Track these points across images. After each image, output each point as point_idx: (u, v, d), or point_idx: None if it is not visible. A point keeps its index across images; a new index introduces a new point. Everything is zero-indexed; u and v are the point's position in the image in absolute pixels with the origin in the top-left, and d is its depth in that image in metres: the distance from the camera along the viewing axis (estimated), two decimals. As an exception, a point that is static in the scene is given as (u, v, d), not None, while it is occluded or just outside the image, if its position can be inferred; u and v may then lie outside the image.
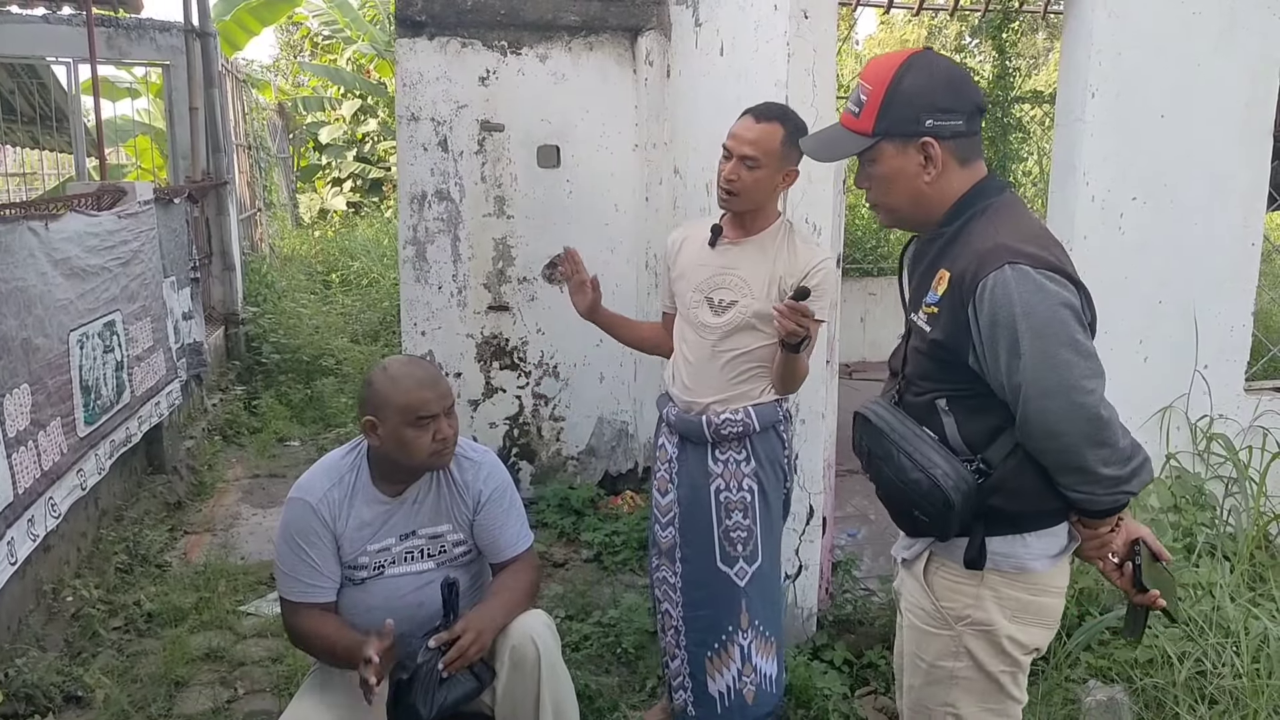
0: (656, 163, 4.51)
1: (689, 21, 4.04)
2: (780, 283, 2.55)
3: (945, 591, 1.84)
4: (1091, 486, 1.68)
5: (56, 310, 3.59)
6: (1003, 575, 1.79)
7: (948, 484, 1.70)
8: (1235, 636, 2.79)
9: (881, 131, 1.77)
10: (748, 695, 2.66)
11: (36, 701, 2.97)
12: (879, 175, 1.81)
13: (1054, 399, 1.62)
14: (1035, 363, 1.62)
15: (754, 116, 2.51)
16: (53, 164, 12.34)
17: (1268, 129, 3.56)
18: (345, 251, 11.09)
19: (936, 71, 1.77)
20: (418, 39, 4.41)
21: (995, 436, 1.74)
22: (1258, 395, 3.75)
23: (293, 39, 18.93)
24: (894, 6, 5.53)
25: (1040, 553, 1.78)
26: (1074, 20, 3.45)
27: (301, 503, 2.28)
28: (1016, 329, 1.62)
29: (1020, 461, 1.72)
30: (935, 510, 1.73)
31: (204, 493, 5.10)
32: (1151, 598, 1.76)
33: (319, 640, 2.28)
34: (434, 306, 4.57)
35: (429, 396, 2.22)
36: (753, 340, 2.58)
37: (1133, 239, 3.48)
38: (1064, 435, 1.64)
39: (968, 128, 1.77)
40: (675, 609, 2.71)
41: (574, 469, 4.84)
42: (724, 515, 2.63)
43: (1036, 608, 1.81)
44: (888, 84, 1.75)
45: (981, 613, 1.80)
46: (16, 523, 3.06)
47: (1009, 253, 1.65)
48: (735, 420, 2.59)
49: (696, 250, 2.69)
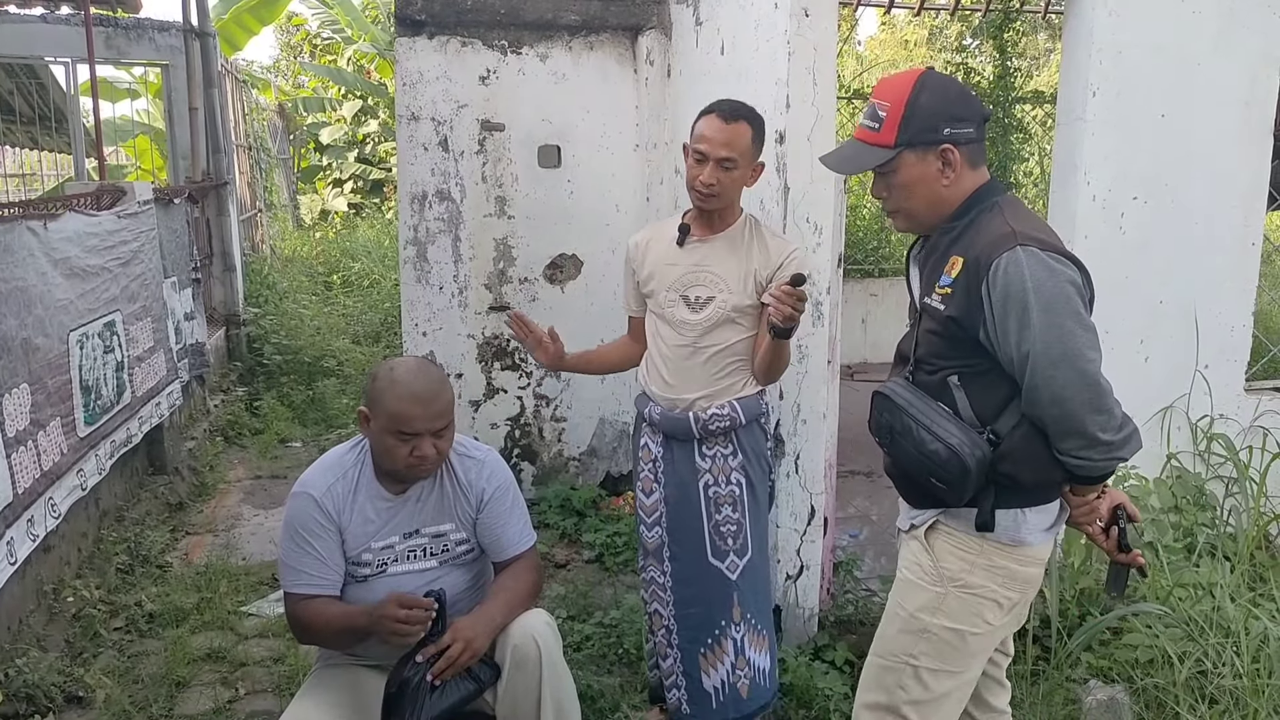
0: (657, 162, 4.51)
1: (689, 20, 4.04)
2: (755, 276, 2.59)
3: (945, 553, 2.01)
4: (1089, 451, 1.83)
5: (56, 310, 3.59)
6: (999, 546, 1.97)
7: (964, 451, 1.87)
8: (1235, 637, 2.79)
9: (904, 142, 1.94)
10: (742, 689, 2.67)
11: (37, 701, 2.97)
12: (899, 183, 1.98)
13: (1060, 367, 1.79)
14: (1044, 333, 1.78)
15: (721, 117, 2.53)
16: (52, 165, 12.35)
17: (1268, 128, 3.56)
18: (346, 252, 11.11)
19: (949, 86, 1.98)
20: (418, 38, 4.41)
21: (1003, 409, 1.91)
22: (1258, 395, 3.76)
23: (293, 39, 18.95)
24: (895, 7, 5.53)
25: (1036, 526, 1.96)
26: (1074, 20, 3.45)
27: (305, 496, 2.28)
28: (1027, 301, 1.79)
29: (1026, 432, 1.89)
30: (953, 476, 1.90)
31: (205, 493, 5.11)
32: (1133, 557, 1.99)
33: (324, 624, 2.24)
34: (435, 307, 4.57)
35: (416, 414, 2.18)
36: (733, 334, 2.61)
37: (1133, 238, 3.48)
38: (1068, 401, 1.80)
39: (977, 135, 1.97)
40: (666, 608, 2.72)
41: (575, 470, 4.84)
42: (713, 510, 2.65)
43: (1023, 577, 1.99)
44: (906, 99, 1.93)
45: (974, 577, 1.98)
46: (16, 523, 3.06)
47: (1020, 236, 1.83)
48: (722, 415, 2.61)
49: (664, 250, 2.70)
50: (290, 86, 16.07)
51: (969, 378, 1.94)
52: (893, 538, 4.22)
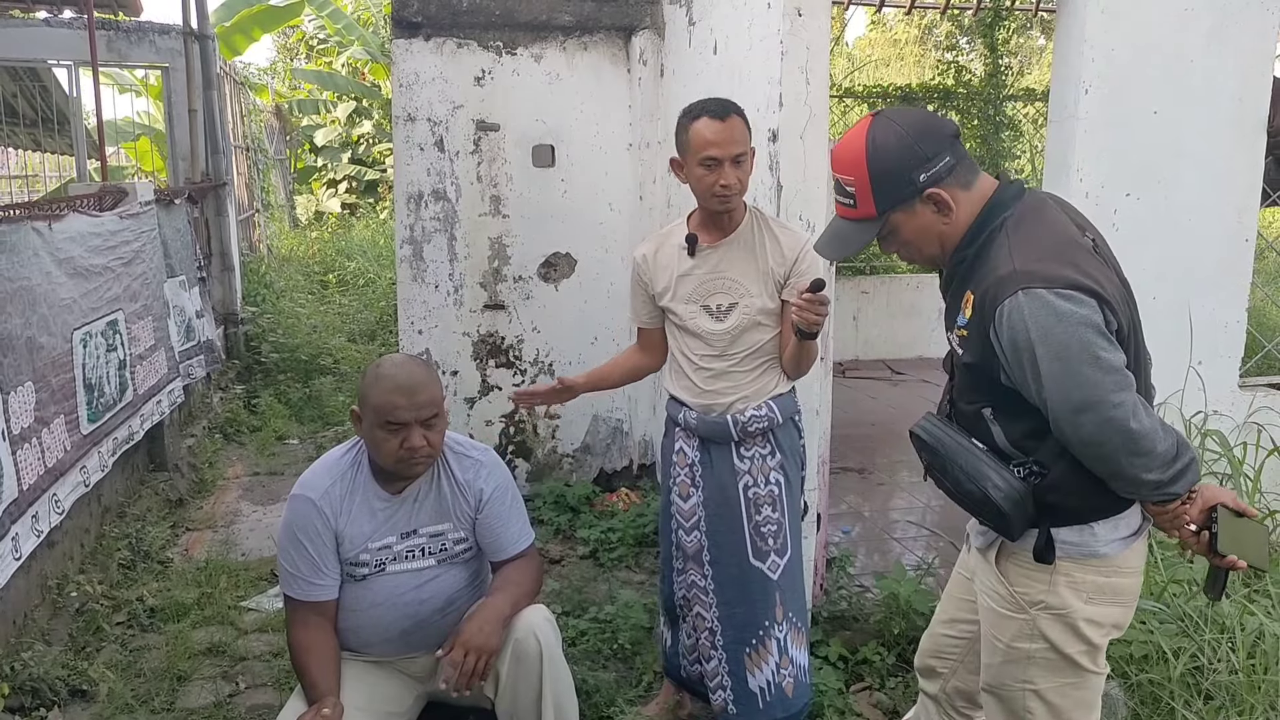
0: (650, 162, 4.54)
1: (682, 20, 4.07)
2: (772, 275, 2.56)
3: (1019, 578, 1.90)
4: (1137, 490, 1.75)
5: (60, 309, 3.61)
6: (1074, 561, 1.84)
7: (998, 496, 1.78)
8: (1231, 632, 2.79)
9: (885, 208, 1.83)
10: (787, 688, 2.65)
11: (42, 695, 2.99)
12: (902, 240, 1.89)
13: (1084, 414, 1.68)
14: (1059, 384, 1.68)
15: (713, 118, 2.48)
16: (54, 166, 12.37)
17: (1260, 125, 3.56)
18: (342, 252, 11.14)
19: (901, 129, 1.80)
20: (413, 40, 4.43)
21: (1045, 437, 1.79)
22: (1252, 392, 3.76)
23: (289, 42, 18.96)
24: (886, 5, 5.56)
25: (1108, 538, 1.83)
26: (1066, 17, 3.47)
27: (304, 499, 2.30)
28: (1035, 353, 1.68)
29: (1072, 460, 1.77)
30: (992, 518, 1.84)
31: (205, 490, 5.14)
32: (1229, 562, 1.79)
33: (299, 662, 2.28)
34: (430, 305, 4.60)
35: (400, 404, 2.20)
36: (760, 335, 2.58)
37: (1126, 235, 3.49)
38: (1102, 445, 1.70)
39: (955, 157, 1.82)
40: (709, 610, 2.68)
41: (570, 466, 4.87)
42: (754, 511, 2.61)
43: (1111, 588, 1.86)
44: (865, 167, 1.80)
45: (1055, 598, 1.85)
46: (21, 518, 3.08)
47: (1023, 277, 1.69)
48: (760, 416, 2.59)
49: (674, 260, 2.65)
50: (286, 89, 16.08)
51: (1002, 410, 1.84)
52: (884, 535, 4.28)
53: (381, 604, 2.35)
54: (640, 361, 2.88)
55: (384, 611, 2.35)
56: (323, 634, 2.30)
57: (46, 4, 7.45)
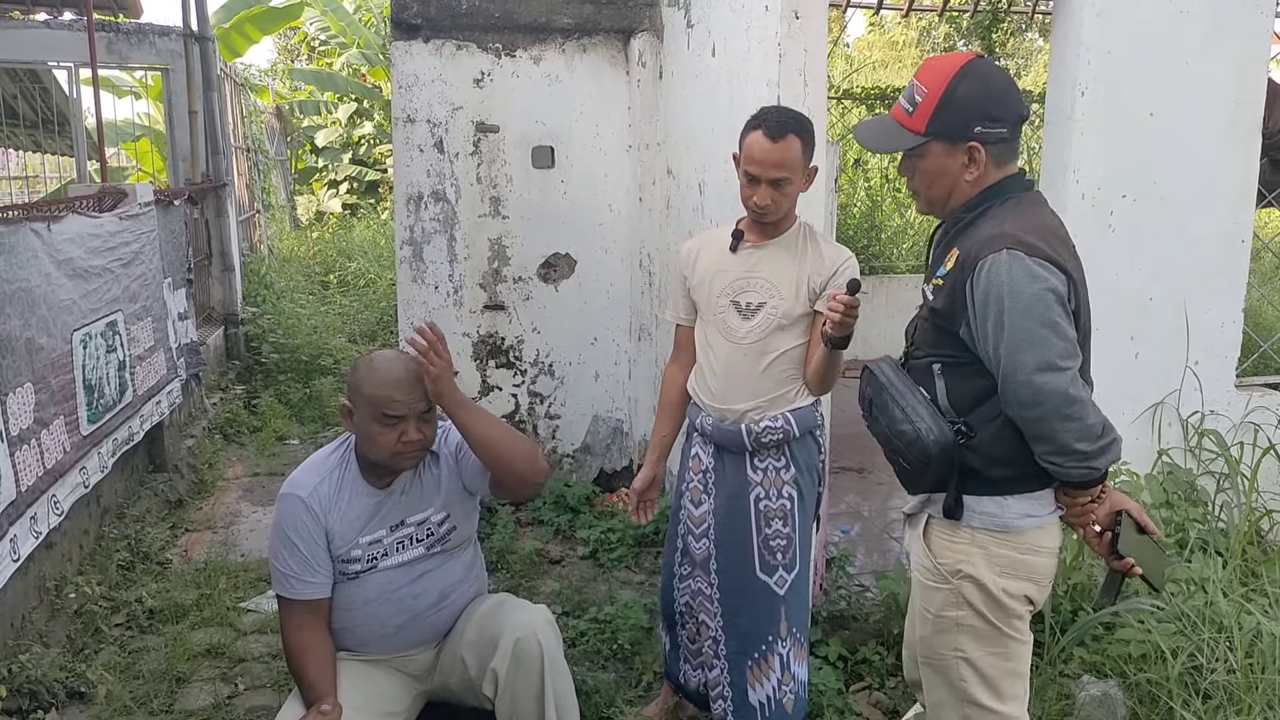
0: (650, 163, 4.54)
1: (681, 23, 4.07)
2: (809, 282, 2.52)
3: (941, 549, 2.04)
4: (1060, 458, 1.85)
5: (60, 310, 3.62)
6: (990, 534, 1.98)
7: (929, 437, 1.92)
8: (1228, 632, 2.79)
9: (933, 133, 1.93)
10: (787, 704, 2.63)
11: (40, 697, 2.99)
12: (924, 169, 1.99)
13: (1033, 373, 1.80)
14: (1016, 338, 1.81)
15: (768, 135, 2.42)
16: (54, 167, 12.39)
17: (1256, 126, 3.58)
18: (342, 252, 11.15)
19: (990, 81, 1.93)
20: (413, 42, 4.44)
21: (980, 403, 1.94)
22: (1248, 391, 3.78)
23: (290, 43, 18.98)
24: (884, 8, 5.56)
25: (1021, 512, 1.96)
26: (1063, 19, 3.48)
27: (293, 498, 2.32)
28: (1004, 306, 1.81)
29: (1000, 428, 1.91)
30: (915, 460, 1.96)
31: (204, 491, 5.14)
32: (1125, 565, 1.92)
33: (295, 664, 2.29)
34: (430, 306, 4.61)
35: (397, 397, 2.21)
36: (785, 341, 2.54)
37: (1123, 236, 3.51)
38: (1039, 406, 1.82)
39: (1010, 135, 1.95)
40: (713, 619, 2.67)
41: (569, 466, 4.87)
42: (763, 524, 2.58)
43: (1025, 565, 1.98)
44: (943, 89, 1.91)
45: (972, 568, 1.99)
46: (20, 520, 3.09)
47: (1010, 239, 1.83)
48: (775, 428, 2.54)
49: (716, 256, 2.63)
50: (287, 90, 16.11)
51: (950, 367, 1.98)
52: (883, 534, 4.28)
53: (375, 600, 2.35)
54: (685, 379, 2.78)
55: (379, 608, 2.36)
56: (318, 634, 2.31)
57: (47, 6, 7.47)
